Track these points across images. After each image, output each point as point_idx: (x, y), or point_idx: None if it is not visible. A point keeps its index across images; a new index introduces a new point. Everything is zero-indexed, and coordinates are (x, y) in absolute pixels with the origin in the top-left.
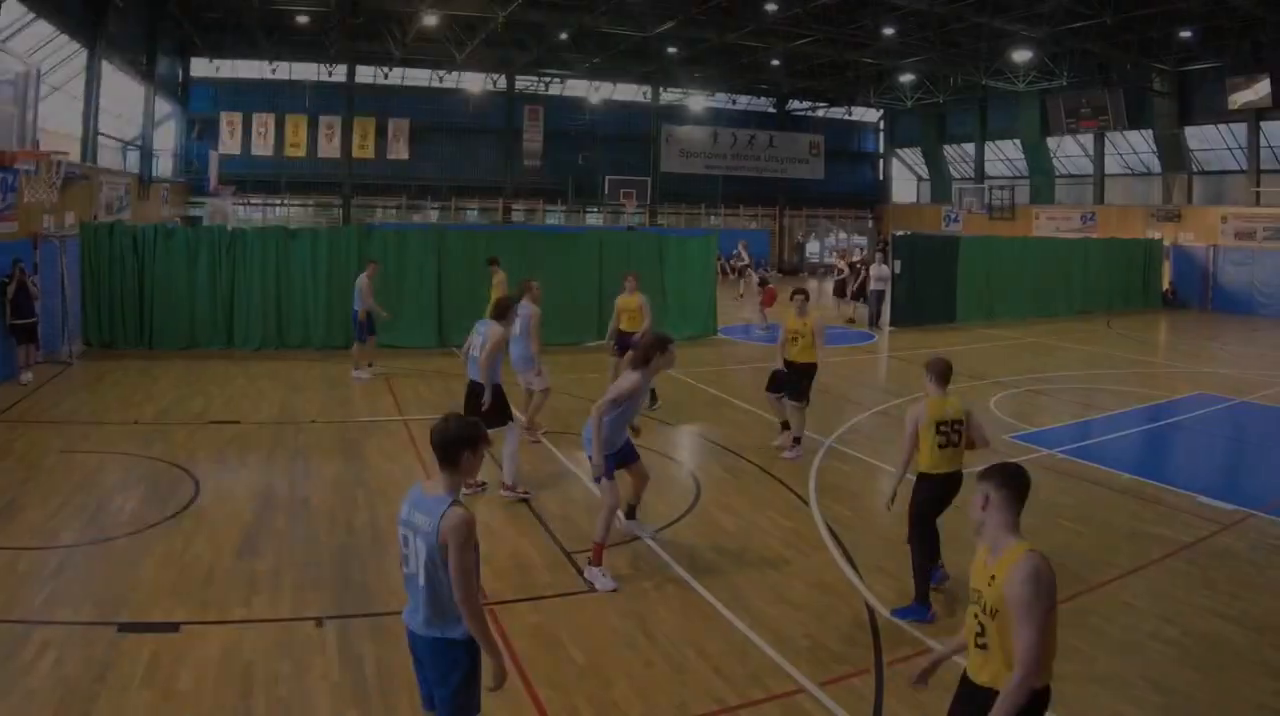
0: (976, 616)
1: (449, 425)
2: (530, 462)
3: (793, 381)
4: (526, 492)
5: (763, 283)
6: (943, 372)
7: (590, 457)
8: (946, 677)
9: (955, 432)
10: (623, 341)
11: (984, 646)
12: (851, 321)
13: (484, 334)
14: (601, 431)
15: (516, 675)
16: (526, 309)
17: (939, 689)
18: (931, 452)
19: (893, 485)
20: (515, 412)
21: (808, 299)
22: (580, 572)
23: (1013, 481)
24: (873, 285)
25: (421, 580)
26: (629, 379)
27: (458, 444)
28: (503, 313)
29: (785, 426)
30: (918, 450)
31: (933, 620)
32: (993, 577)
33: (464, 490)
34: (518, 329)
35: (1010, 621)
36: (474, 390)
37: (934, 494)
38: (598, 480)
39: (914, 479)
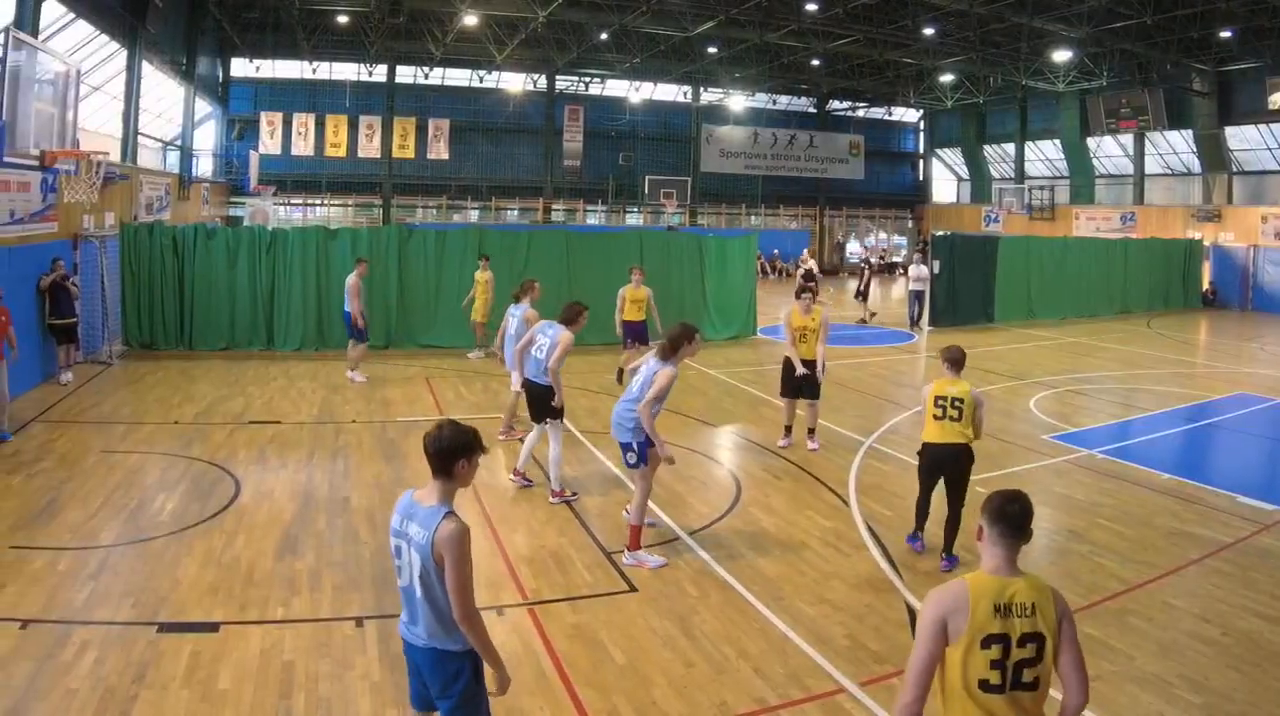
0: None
1: (444, 432)
2: (570, 463)
3: (810, 380)
4: (574, 495)
5: (806, 277)
6: (955, 358)
7: (633, 446)
8: None
9: (955, 409)
10: (629, 329)
11: (1034, 684)
12: (863, 321)
13: (551, 337)
14: (653, 422)
15: (557, 675)
16: (521, 310)
17: None
18: (929, 423)
19: None
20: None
21: (815, 297)
22: (621, 573)
23: (1002, 518)
24: (911, 285)
25: (418, 592)
26: (665, 373)
27: (454, 453)
28: (573, 318)
29: (789, 430)
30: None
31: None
32: (1031, 607)
33: (517, 480)
34: (513, 328)
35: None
36: (535, 390)
37: (925, 462)
38: (635, 465)
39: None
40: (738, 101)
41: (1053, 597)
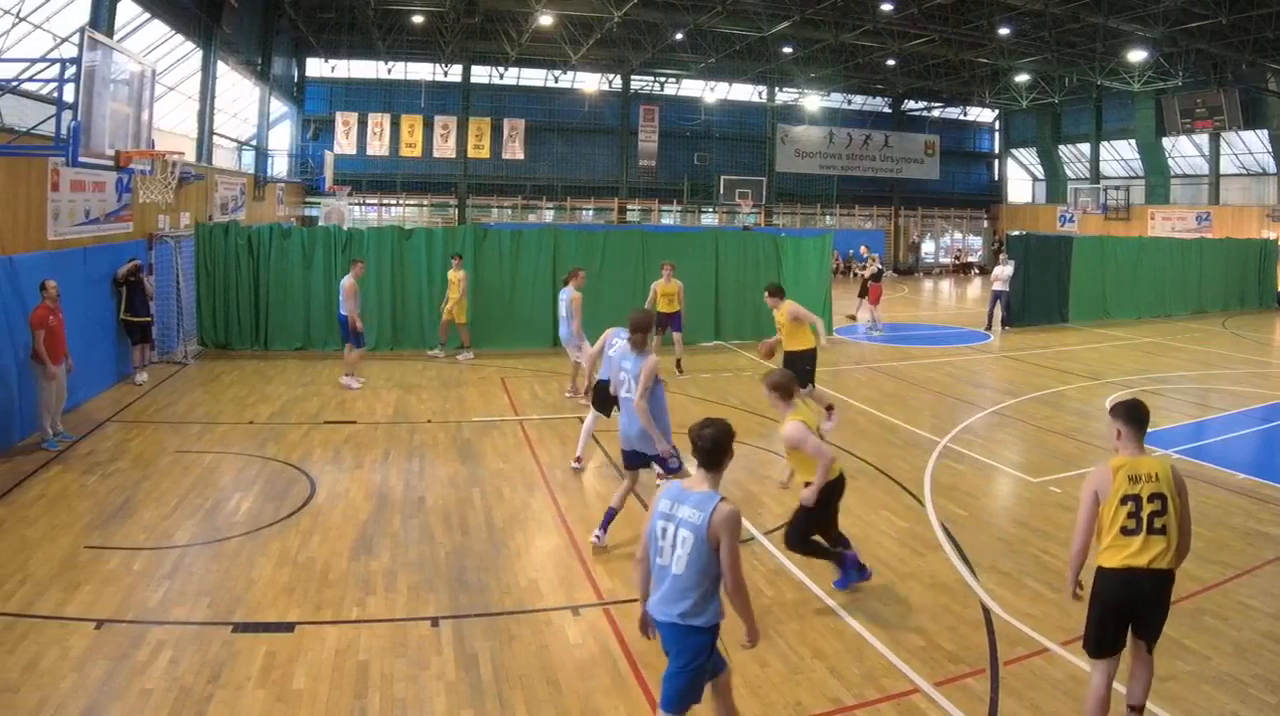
0: (1151, 507)
1: (714, 431)
2: None
3: (798, 371)
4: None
5: (876, 277)
6: (1142, 418)
7: (659, 451)
8: (1055, 675)
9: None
10: (662, 321)
11: (1163, 530)
12: (853, 317)
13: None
14: (651, 417)
15: (632, 675)
16: (568, 293)
17: (1052, 688)
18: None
19: None
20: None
21: (773, 294)
22: None
23: (1134, 419)
24: (994, 285)
25: (681, 569)
26: (649, 363)
27: (722, 449)
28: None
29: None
30: None
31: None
32: (1155, 475)
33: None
34: (564, 311)
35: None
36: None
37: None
38: (675, 468)
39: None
40: (813, 101)
41: (1172, 471)
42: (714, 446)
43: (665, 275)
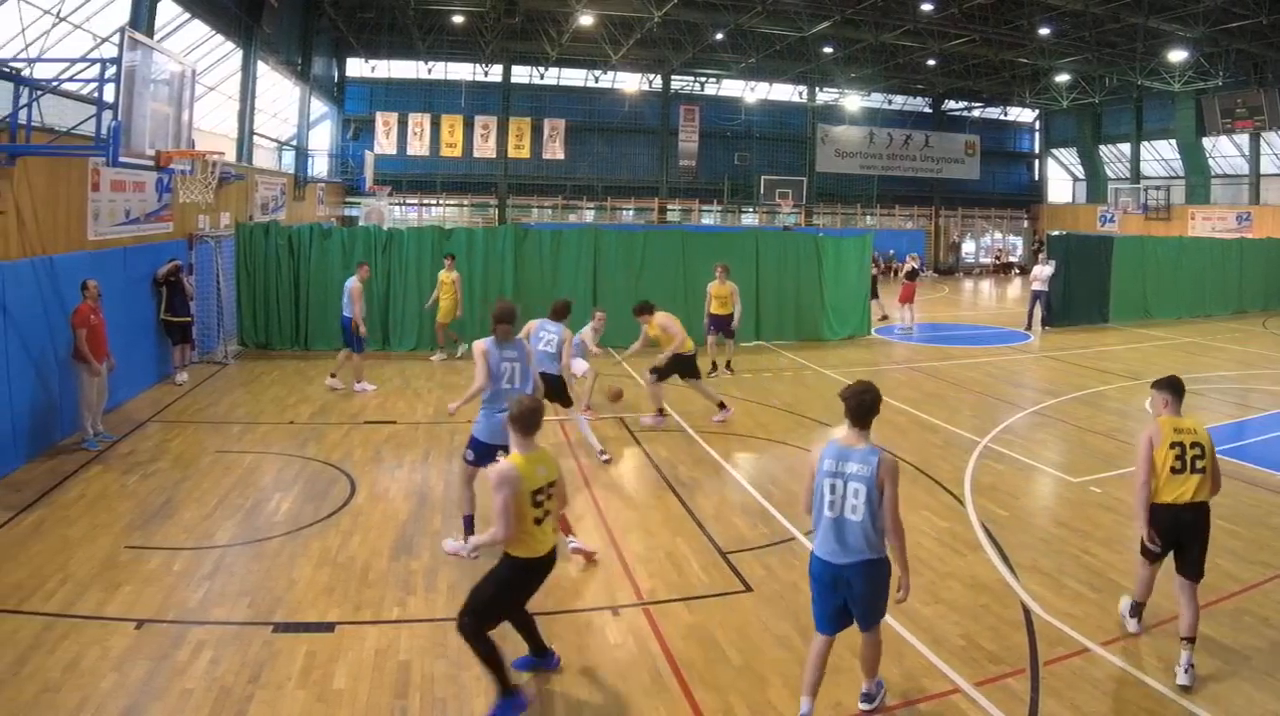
0: (1193, 452)
1: (866, 396)
2: (685, 463)
3: (687, 368)
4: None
5: (910, 275)
6: (1179, 388)
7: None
8: (1096, 675)
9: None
10: (715, 322)
11: (1203, 470)
12: (886, 318)
13: (556, 332)
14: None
15: (673, 675)
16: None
17: (1093, 688)
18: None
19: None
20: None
21: (641, 312)
22: (737, 573)
23: (1176, 390)
24: (1034, 285)
25: (857, 516)
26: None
27: (873, 409)
28: (563, 314)
29: (657, 409)
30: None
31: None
32: (1194, 430)
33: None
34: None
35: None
36: (550, 381)
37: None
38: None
39: None
40: (853, 101)
41: (1203, 427)
42: (867, 407)
43: (719, 276)
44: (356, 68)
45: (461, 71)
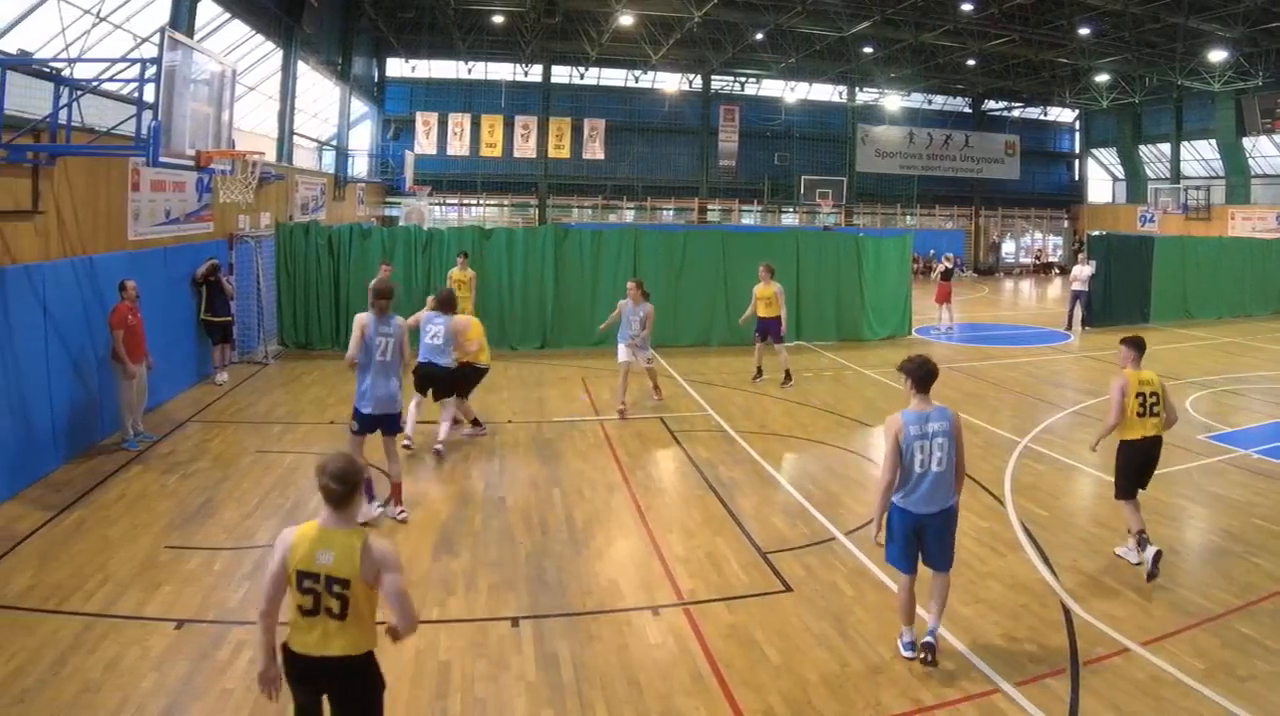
0: (1151, 400)
1: (928, 365)
2: (724, 462)
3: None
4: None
5: (945, 275)
6: (1142, 347)
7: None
8: (1136, 675)
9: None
10: (762, 326)
11: (1158, 413)
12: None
13: (443, 324)
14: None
15: (713, 675)
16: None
17: (1133, 688)
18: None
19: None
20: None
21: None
22: (777, 573)
23: (1137, 347)
24: (1074, 285)
25: (941, 467)
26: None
27: (935, 376)
28: (449, 306)
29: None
30: None
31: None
32: (1152, 381)
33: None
34: (638, 326)
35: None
36: (435, 371)
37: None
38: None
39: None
40: (893, 101)
41: (1157, 377)
42: (931, 374)
43: (763, 278)
44: (396, 68)
45: (501, 71)
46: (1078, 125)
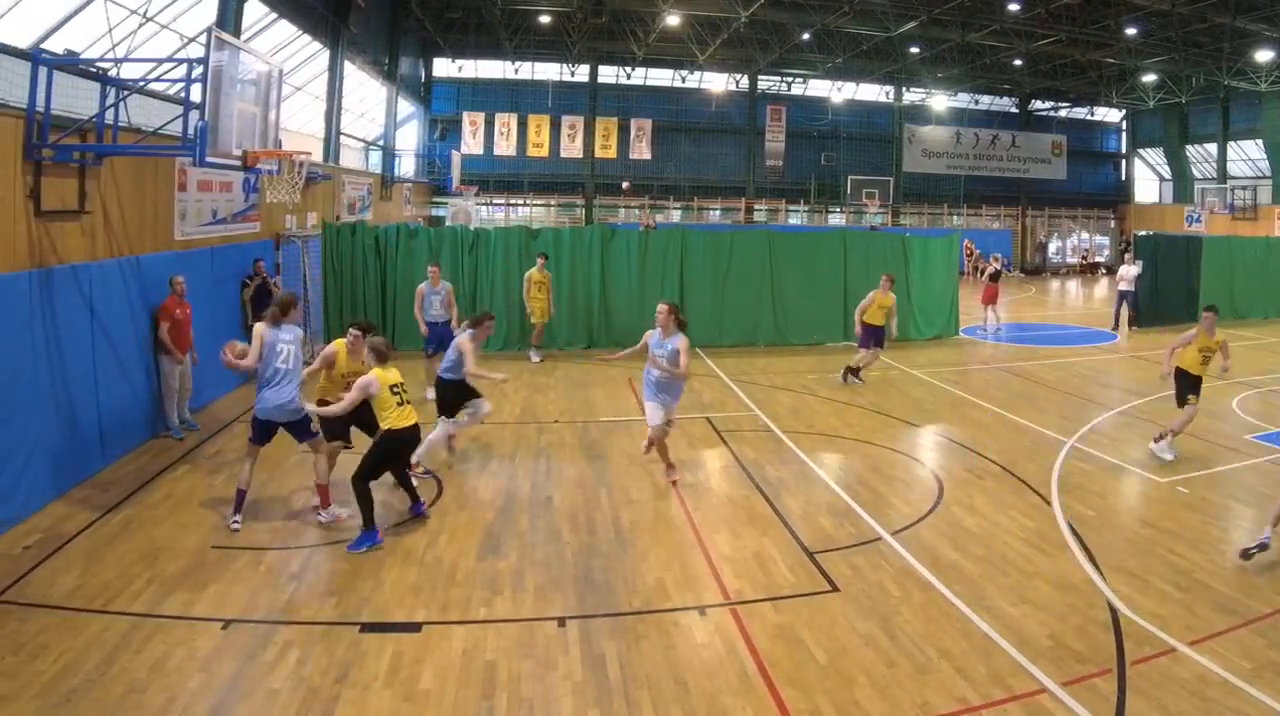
0: (1210, 356)
1: None
2: (772, 463)
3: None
4: (425, 472)
5: (994, 277)
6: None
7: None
8: (1183, 675)
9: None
10: (870, 332)
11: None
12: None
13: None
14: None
15: (759, 675)
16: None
17: (1179, 688)
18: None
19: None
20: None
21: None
22: (824, 573)
23: (1216, 316)
24: (1120, 285)
25: None
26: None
27: None
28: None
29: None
30: None
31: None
32: (1216, 345)
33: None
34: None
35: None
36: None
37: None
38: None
39: None
40: (940, 101)
41: (1219, 339)
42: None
43: (884, 286)
44: (443, 68)
45: (548, 71)
46: (1124, 125)
